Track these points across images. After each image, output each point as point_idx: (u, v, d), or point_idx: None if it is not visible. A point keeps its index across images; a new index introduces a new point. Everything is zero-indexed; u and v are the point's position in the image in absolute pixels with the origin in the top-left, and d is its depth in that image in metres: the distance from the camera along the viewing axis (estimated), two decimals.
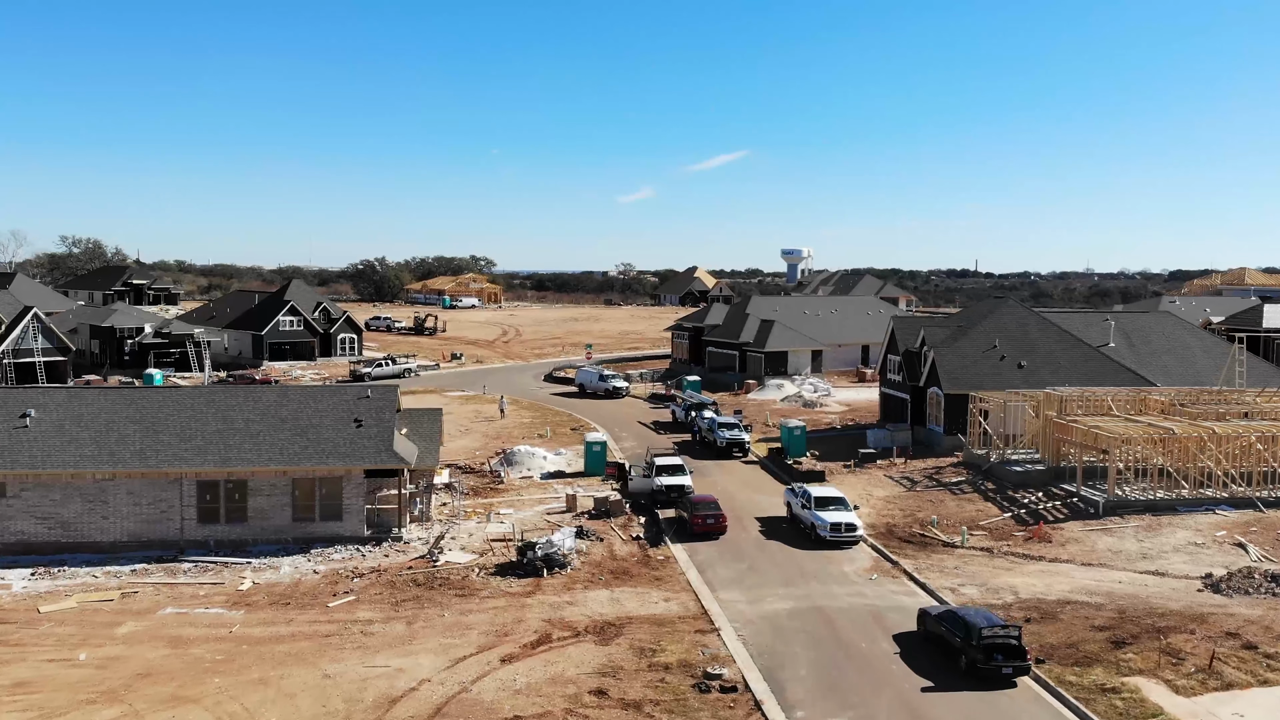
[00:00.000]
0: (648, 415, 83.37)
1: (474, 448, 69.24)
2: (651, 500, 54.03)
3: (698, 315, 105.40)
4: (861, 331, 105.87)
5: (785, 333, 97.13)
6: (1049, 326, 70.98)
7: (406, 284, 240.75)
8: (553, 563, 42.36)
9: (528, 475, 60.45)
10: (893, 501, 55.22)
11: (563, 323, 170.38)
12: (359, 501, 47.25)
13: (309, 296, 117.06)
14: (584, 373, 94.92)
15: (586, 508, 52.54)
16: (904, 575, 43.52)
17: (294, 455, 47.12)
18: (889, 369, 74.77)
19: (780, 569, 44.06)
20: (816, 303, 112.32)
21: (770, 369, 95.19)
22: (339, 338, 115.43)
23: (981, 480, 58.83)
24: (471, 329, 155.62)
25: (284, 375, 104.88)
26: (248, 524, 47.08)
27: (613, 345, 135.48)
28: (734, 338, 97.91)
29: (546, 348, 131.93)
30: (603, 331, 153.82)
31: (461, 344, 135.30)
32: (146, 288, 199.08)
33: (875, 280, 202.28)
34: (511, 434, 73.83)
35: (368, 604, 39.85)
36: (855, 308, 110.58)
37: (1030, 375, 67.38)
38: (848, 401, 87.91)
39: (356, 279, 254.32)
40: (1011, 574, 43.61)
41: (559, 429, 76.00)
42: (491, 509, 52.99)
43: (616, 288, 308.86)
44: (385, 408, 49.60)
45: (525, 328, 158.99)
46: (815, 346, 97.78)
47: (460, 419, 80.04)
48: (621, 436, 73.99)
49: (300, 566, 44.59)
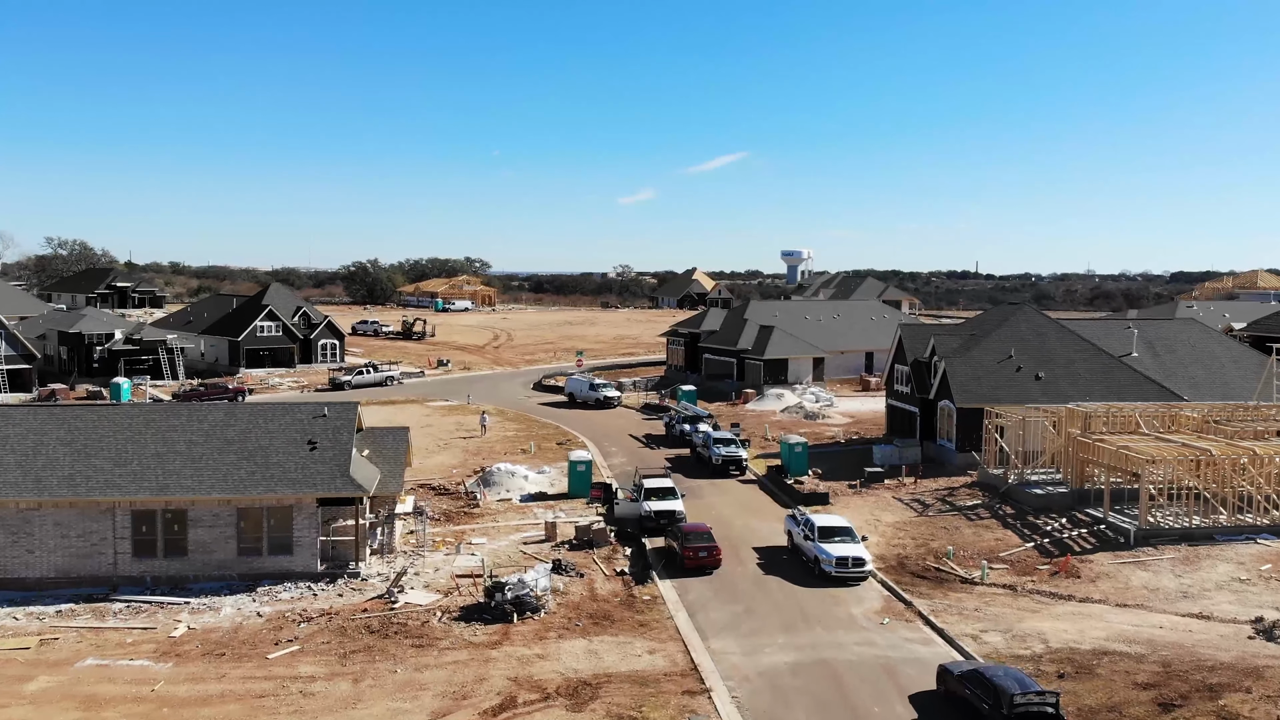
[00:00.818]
0: (640, 427, 78.65)
1: (451, 464, 64.52)
2: (639, 527, 49.34)
3: (694, 320, 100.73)
4: (865, 337, 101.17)
5: (785, 339, 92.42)
6: (1068, 335, 66.25)
7: (399, 286, 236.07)
8: (524, 606, 37.64)
9: (506, 497, 55.72)
10: (903, 528, 50.48)
11: (556, 326, 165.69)
12: (311, 533, 42.52)
13: (288, 301, 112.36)
14: (574, 381, 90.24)
15: (567, 536, 47.82)
16: (919, 619, 38.79)
17: (239, 482, 42.40)
18: (896, 380, 70.07)
19: (780, 611, 39.33)
20: (818, 307, 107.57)
21: (770, 377, 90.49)
22: (320, 344, 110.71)
23: (999, 504, 54.11)
24: (462, 333, 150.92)
25: (260, 383, 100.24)
26: (188, 558, 42.37)
27: (607, 350, 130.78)
28: (732, 344, 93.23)
29: (538, 353, 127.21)
30: (597, 336, 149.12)
31: (450, 349, 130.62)
32: (131, 290, 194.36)
33: (877, 283, 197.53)
34: (493, 449, 69.09)
35: (312, 655, 35.12)
36: (858, 313, 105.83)
37: (1049, 387, 62.72)
38: (851, 413, 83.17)
39: (349, 281, 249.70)
40: (1039, 617, 38.88)
41: (544, 443, 71.27)
42: (463, 538, 48.26)
43: (614, 290, 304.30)
44: (343, 428, 44.87)
45: (517, 332, 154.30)
46: (817, 353, 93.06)
47: (440, 432, 75.32)
48: (610, 452, 69.26)
49: (243, 608, 39.87)
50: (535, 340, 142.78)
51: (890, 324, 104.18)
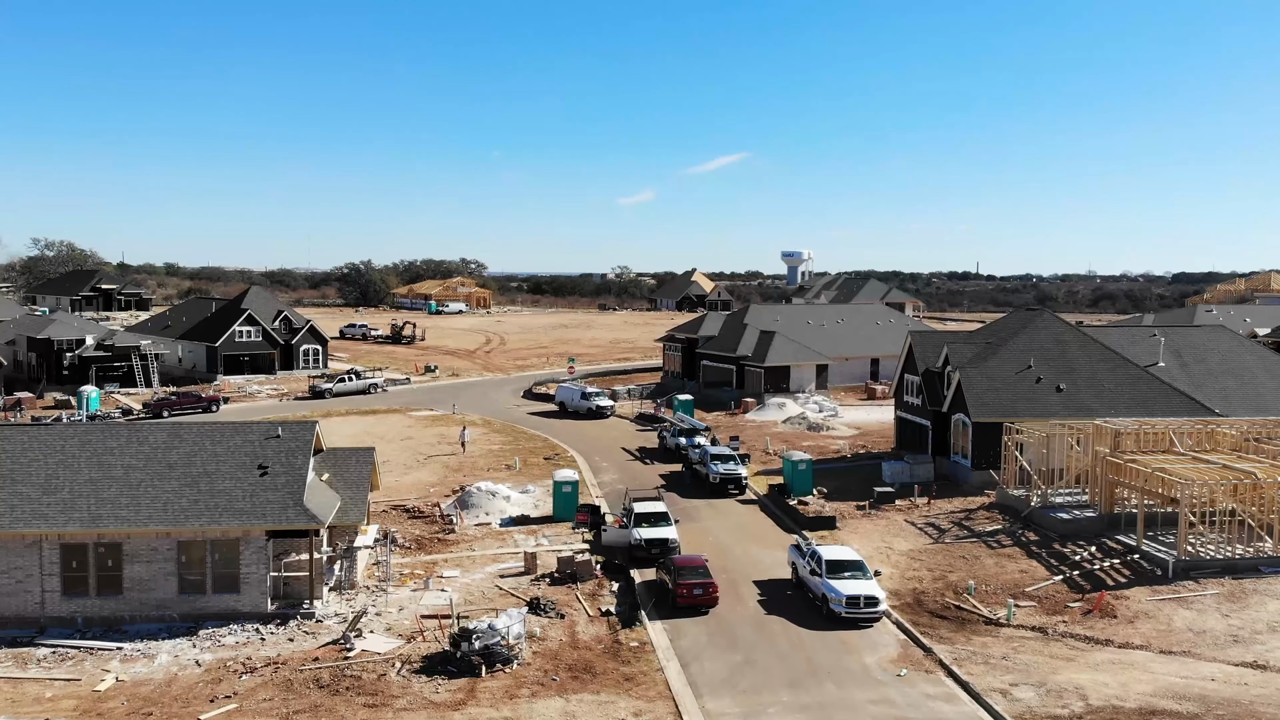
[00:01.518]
0: (633, 440, 74.25)
1: (429, 483, 60.13)
2: (629, 557, 44.98)
3: (691, 325, 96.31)
4: (870, 343, 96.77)
5: (787, 345, 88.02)
6: (1090, 343, 61.85)
7: (393, 288, 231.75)
8: (494, 657, 33.25)
9: (485, 522, 51.31)
10: (918, 557, 46.09)
11: (551, 330, 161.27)
12: (260, 569, 38.14)
13: (269, 304, 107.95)
14: (564, 389, 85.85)
15: (549, 568, 43.41)
16: (940, 669, 34.41)
17: (180, 512, 38.03)
18: (906, 390, 65.68)
19: (784, 662, 34.94)
20: (820, 311, 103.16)
21: (770, 385, 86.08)
22: (301, 349, 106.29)
23: (1020, 529, 49.71)
24: (454, 337, 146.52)
25: (238, 391, 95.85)
26: (123, 597, 38.02)
27: (602, 355, 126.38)
28: (731, 350, 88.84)
29: (530, 358, 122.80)
30: (593, 340, 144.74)
31: (439, 354, 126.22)
32: (116, 293, 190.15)
33: (880, 285, 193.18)
34: (475, 465, 64.68)
35: (251, 717, 30.75)
36: (863, 317, 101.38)
37: (1071, 400, 58.34)
38: (857, 424, 78.75)
39: (342, 283, 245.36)
40: (1075, 667, 34.50)
41: (531, 458, 66.86)
42: (434, 570, 43.85)
43: (613, 291, 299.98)
44: (298, 450, 40.48)
45: (510, 335, 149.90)
46: (820, 360, 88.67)
47: (421, 445, 70.90)
48: (601, 467, 64.85)
49: (182, 654, 35.52)
50: (528, 344, 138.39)
51: (897, 329, 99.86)
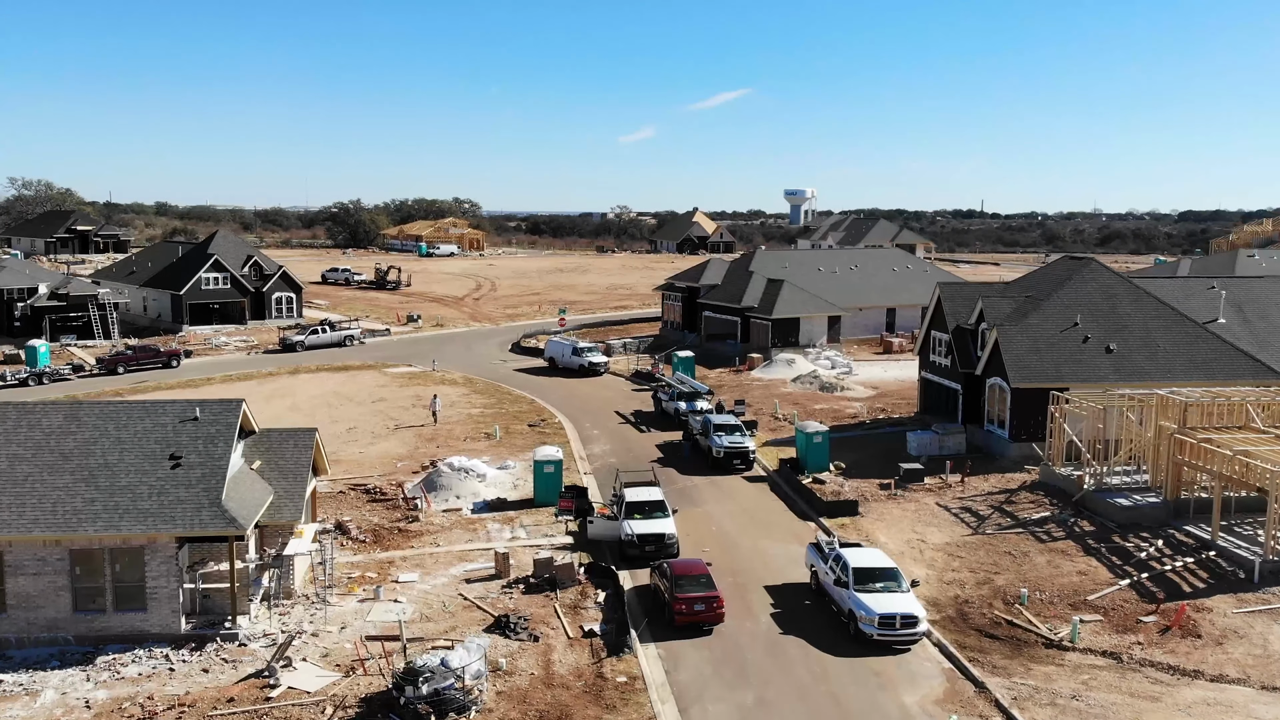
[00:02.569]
0: (628, 401, 67.44)
1: (398, 455, 53.45)
2: (619, 554, 38.46)
3: (693, 273, 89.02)
4: (885, 292, 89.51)
5: (796, 295, 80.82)
6: (1143, 297, 54.71)
7: (383, 229, 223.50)
8: (446, 705, 26.72)
9: (455, 506, 44.63)
10: (956, 553, 39.49)
11: (545, 274, 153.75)
12: (170, 583, 31.52)
13: (238, 249, 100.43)
14: (554, 344, 78.86)
15: (525, 569, 36.85)
16: (998, 714, 27.89)
17: (73, 515, 31.31)
18: (933, 349, 58.67)
19: (806, 701, 28.43)
20: (831, 257, 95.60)
21: (778, 339, 79.06)
22: (274, 297, 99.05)
23: (1072, 517, 43.06)
24: (442, 282, 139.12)
25: (204, 343, 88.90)
26: (7, 615, 31.48)
27: (597, 303, 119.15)
28: (735, 301, 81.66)
29: (521, 306, 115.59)
30: (588, 286, 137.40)
31: (425, 302, 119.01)
32: (93, 234, 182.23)
33: (890, 225, 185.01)
34: (451, 434, 57.93)
35: None
36: (877, 263, 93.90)
37: (1122, 363, 51.44)
38: (874, 382, 71.81)
39: (331, 223, 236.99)
40: (1162, 711, 27.97)
41: (513, 424, 60.08)
42: (388, 574, 37.26)
43: (612, 232, 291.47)
44: (219, 435, 33.63)
45: (502, 280, 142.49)
46: (832, 311, 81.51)
47: (393, 408, 64.10)
48: (591, 436, 58.09)
49: (71, 691, 29.04)
50: (520, 291, 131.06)
51: (914, 276, 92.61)
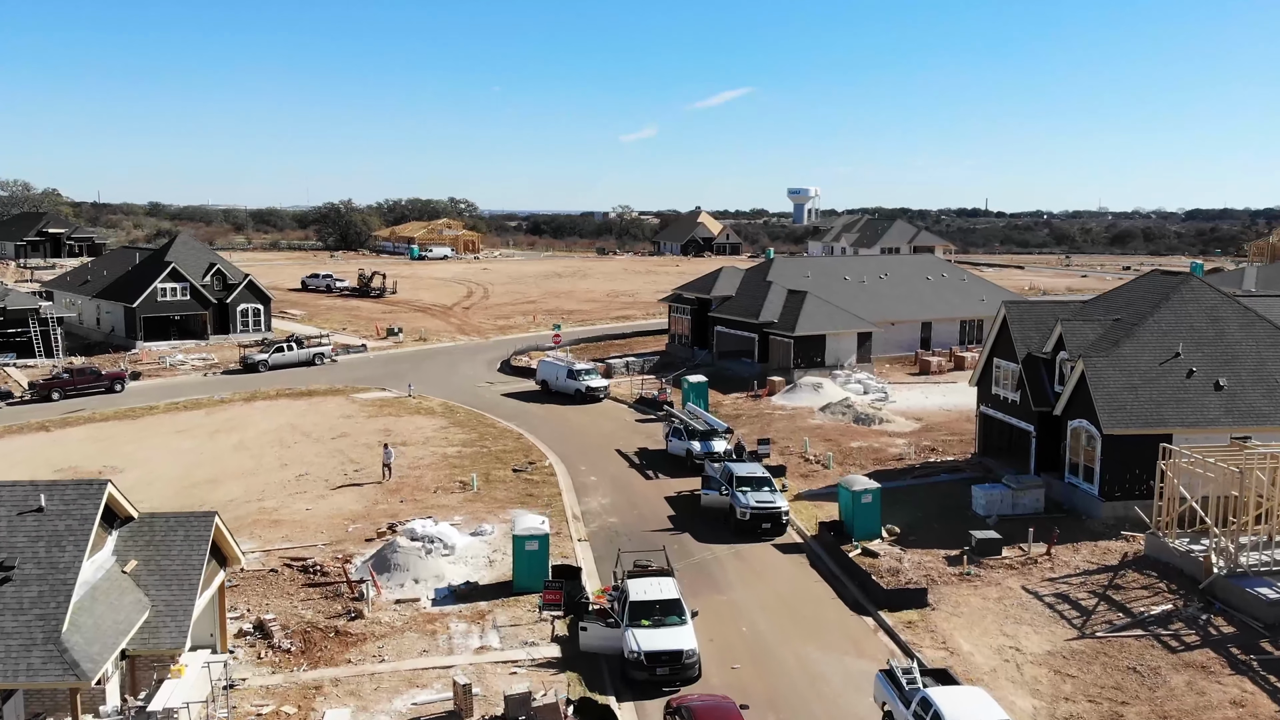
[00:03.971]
0: (632, 436, 58.00)
1: (351, 514, 43.97)
2: (622, 675, 29.06)
3: (703, 283, 79.54)
4: (920, 303, 79.92)
5: (821, 309, 71.30)
6: (1255, 321, 45.15)
7: (375, 230, 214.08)
8: None
9: (412, 597, 35.08)
10: (1065, 670, 29.98)
11: (542, 279, 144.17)
12: None
13: (199, 255, 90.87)
14: (548, 365, 69.35)
15: (493, 700, 27.40)
16: None
17: None
18: (996, 380, 49.15)
19: None
20: (858, 265, 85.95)
21: (802, 359, 69.57)
22: (239, 309, 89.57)
23: (1202, 611, 33.55)
24: (431, 289, 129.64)
25: (158, 363, 79.48)
26: None
27: (597, 312, 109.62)
28: (752, 315, 72.13)
29: (514, 317, 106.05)
30: (587, 292, 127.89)
31: (410, 311, 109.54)
32: (66, 237, 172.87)
33: (907, 227, 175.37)
34: (420, 483, 48.43)
35: None
36: (909, 271, 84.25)
37: (1233, 402, 42.06)
38: (915, 412, 62.24)
39: (320, 224, 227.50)
40: None
41: (496, 468, 50.60)
42: (311, 705, 27.77)
43: (613, 232, 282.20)
44: (69, 535, 24.18)
45: (495, 286, 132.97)
46: (862, 327, 71.99)
47: (356, 446, 54.64)
48: (589, 485, 48.59)
49: None
50: (514, 298, 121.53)
51: (951, 285, 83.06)
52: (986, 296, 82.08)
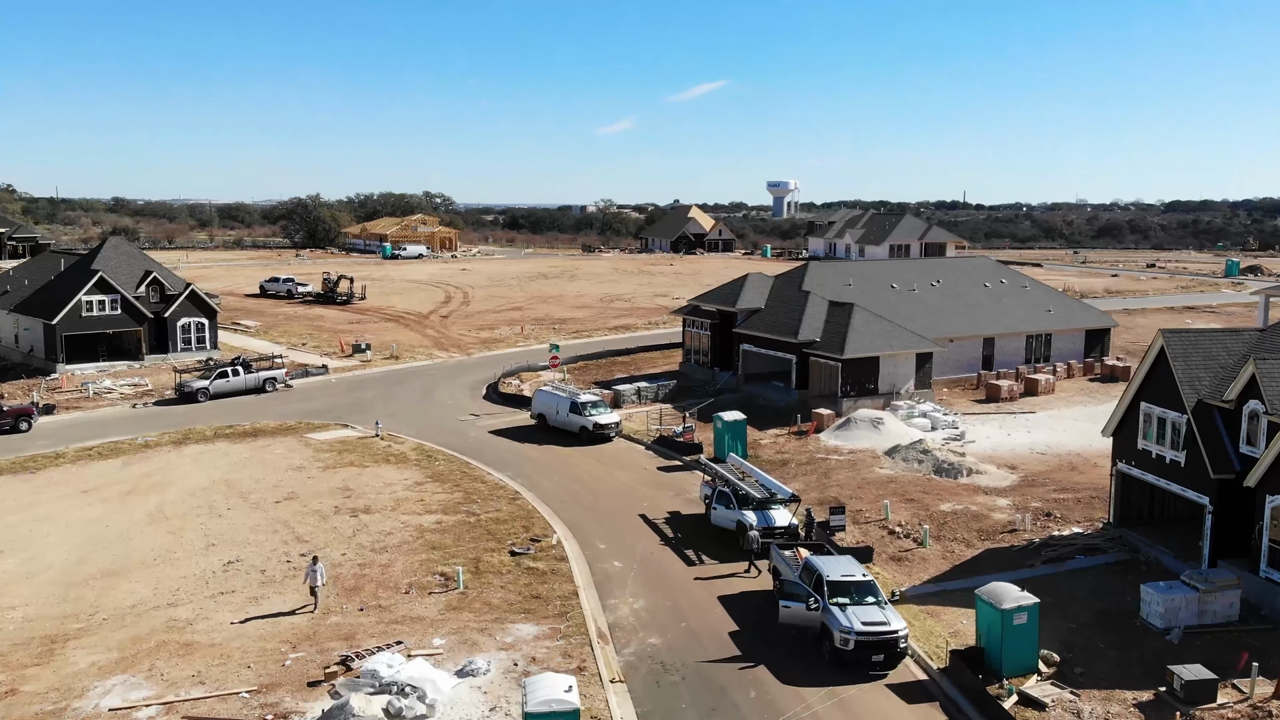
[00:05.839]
0: (656, 491, 46.13)
1: (290, 635, 31.84)
2: None
3: (725, 292, 67.60)
4: (981, 316, 68.19)
5: (872, 325, 59.63)
6: None
7: (344, 227, 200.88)
8: None
9: None
10: None
11: (527, 281, 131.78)
12: None
13: (133, 262, 77.99)
14: (546, 395, 57.26)
15: None
16: None
17: None
18: (1146, 432, 37.47)
19: None
20: (904, 270, 73.92)
21: (851, 385, 57.92)
22: (179, 323, 76.89)
23: None
24: (404, 293, 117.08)
25: (79, 390, 66.83)
26: None
27: (592, 321, 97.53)
28: (788, 333, 60.31)
29: (499, 327, 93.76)
30: (578, 296, 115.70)
31: (381, 321, 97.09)
32: (6, 238, 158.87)
33: (917, 222, 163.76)
34: (388, 577, 36.31)
35: None
36: (963, 276, 72.43)
37: None
38: (1004, 457, 50.50)
39: (287, 221, 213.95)
40: None
41: (488, 549, 38.55)
42: None
43: (595, 227, 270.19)
44: None
45: (476, 290, 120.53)
46: (921, 347, 60.35)
47: (307, 515, 42.42)
48: (612, 575, 36.64)
49: None
50: (497, 304, 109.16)
51: (1012, 293, 71.48)
52: (1054, 307, 70.66)
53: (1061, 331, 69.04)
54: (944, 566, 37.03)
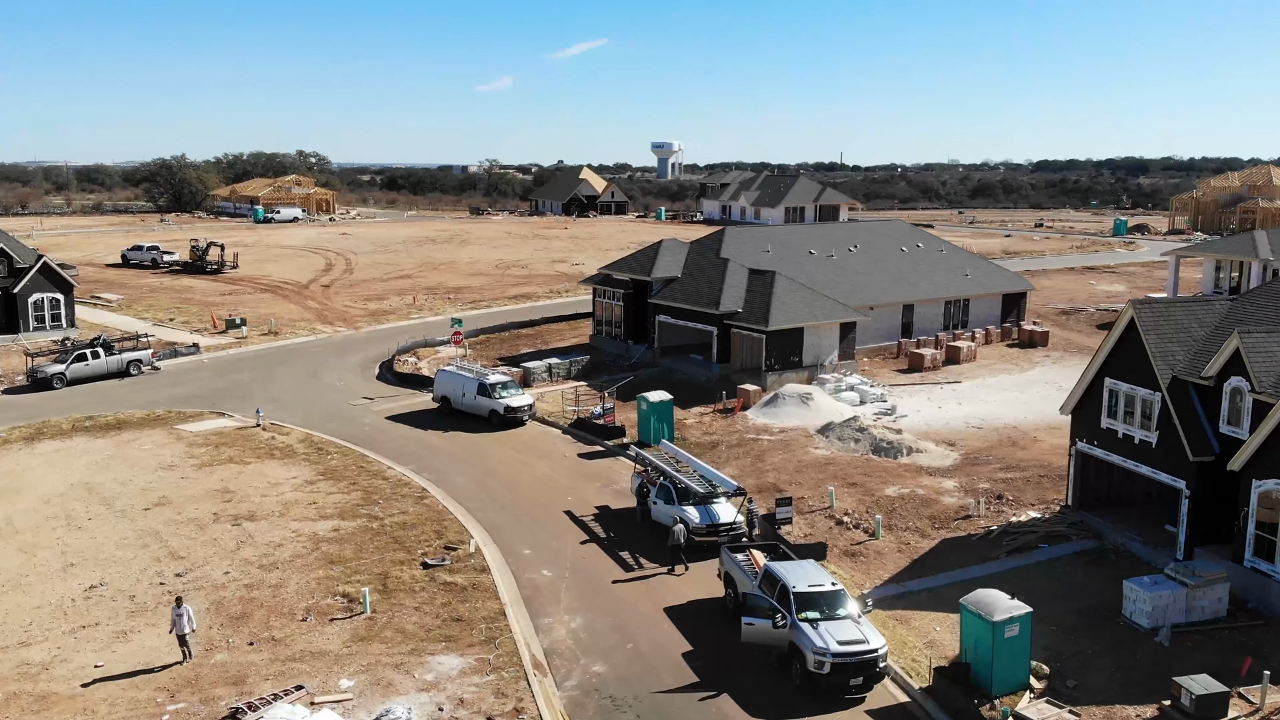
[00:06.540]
0: (581, 481, 42.04)
1: (166, 684, 26.77)
2: None
3: (639, 260, 63.48)
4: (900, 283, 65.60)
5: (796, 295, 56.44)
6: None
7: (213, 189, 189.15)
8: None
9: None
10: None
11: (415, 246, 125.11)
12: None
13: None
14: (449, 376, 52.31)
15: None
16: None
17: None
18: (1112, 410, 34.98)
19: None
20: (823, 235, 70.60)
21: (776, 358, 54.75)
22: (31, 299, 68.99)
23: None
24: (281, 260, 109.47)
25: None
26: None
27: (489, 289, 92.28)
28: (709, 303, 56.64)
29: (389, 297, 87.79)
30: (472, 263, 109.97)
31: (257, 291, 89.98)
32: None
33: (811, 184, 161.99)
34: (279, 601, 31.37)
35: None
36: (881, 239, 69.67)
37: None
38: (939, 432, 47.98)
39: (150, 183, 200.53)
40: None
41: (397, 561, 33.90)
42: None
43: (481, 188, 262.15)
44: None
45: (360, 256, 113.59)
46: (845, 316, 57.46)
47: (182, 525, 36.94)
48: (544, 587, 32.43)
49: None
50: (384, 271, 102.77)
51: (929, 258, 69.22)
52: (971, 271, 68.72)
53: (979, 296, 67.16)
54: (902, 562, 34.03)
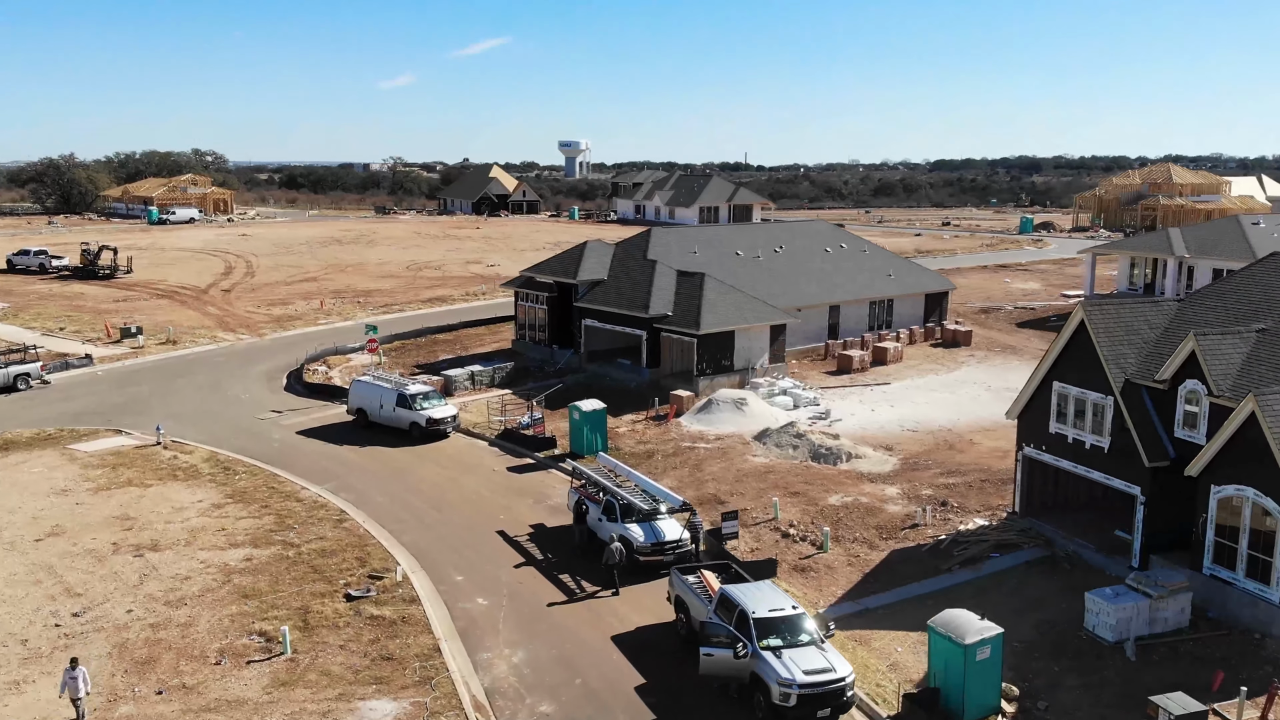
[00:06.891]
0: (514, 500, 39.81)
1: None
2: None
3: (562, 262, 61.27)
4: (826, 284, 64.66)
5: (726, 297, 55.00)
6: None
7: (104, 190, 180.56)
8: None
9: None
10: None
11: (320, 247, 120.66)
12: None
13: None
14: (365, 386, 49.47)
15: None
16: None
17: None
18: (1061, 414, 34.18)
19: None
20: (747, 235, 69.24)
21: (707, 362, 53.25)
22: None
23: None
24: (178, 264, 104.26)
25: None
26: None
27: (402, 293, 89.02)
28: (639, 307, 54.80)
29: (294, 302, 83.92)
30: (381, 265, 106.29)
31: (153, 297, 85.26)
32: None
33: (725, 184, 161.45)
34: (187, 644, 28.54)
35: None
36: (806, 240, 68.65)
37: None
38: (875, 435, 47.00)
39: (37, 184, 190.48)
40: None
41: (318, 593, 31.28)
42: None
43: (385, 186, 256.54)
44: None
45: (261, 258, 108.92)
46: (775, 318, 56.25)
47: (78, 559, 33.68)
48: (480, 619, 30.20)
49: None
50: (288, 274, 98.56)
51: (853, 258, 68.56)
52: (894, 271, 68.27)
53: (903, 296, 66.73)
54: (854, 576, 32.71)
